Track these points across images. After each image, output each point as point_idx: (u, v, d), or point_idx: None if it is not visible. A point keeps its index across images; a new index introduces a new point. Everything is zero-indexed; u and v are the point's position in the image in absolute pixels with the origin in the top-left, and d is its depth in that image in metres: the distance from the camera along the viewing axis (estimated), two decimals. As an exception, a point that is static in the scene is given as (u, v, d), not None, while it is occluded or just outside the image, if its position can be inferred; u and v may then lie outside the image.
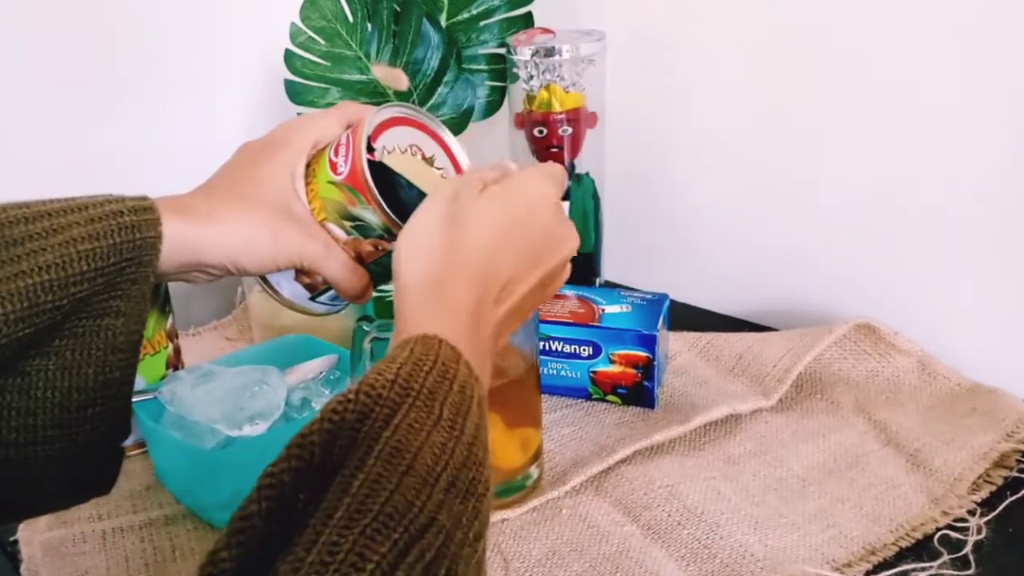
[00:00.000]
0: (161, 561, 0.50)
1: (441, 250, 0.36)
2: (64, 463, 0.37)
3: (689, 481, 0.52)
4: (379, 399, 0.29)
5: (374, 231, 0.44)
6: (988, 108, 0.58)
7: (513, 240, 0.38)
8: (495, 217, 0.38)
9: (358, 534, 0.25)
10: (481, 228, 0.37)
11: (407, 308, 0.36)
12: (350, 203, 0.43)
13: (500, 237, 0.37)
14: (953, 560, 0.46)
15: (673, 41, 0.74)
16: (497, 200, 0.38)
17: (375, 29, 0.72)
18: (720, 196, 0.75)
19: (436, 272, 0.36)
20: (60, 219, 0.35)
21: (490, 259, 0.37)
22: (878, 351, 0.61)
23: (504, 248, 0.37)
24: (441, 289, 0.35)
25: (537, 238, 0.39)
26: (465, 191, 0.38)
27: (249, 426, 0.52)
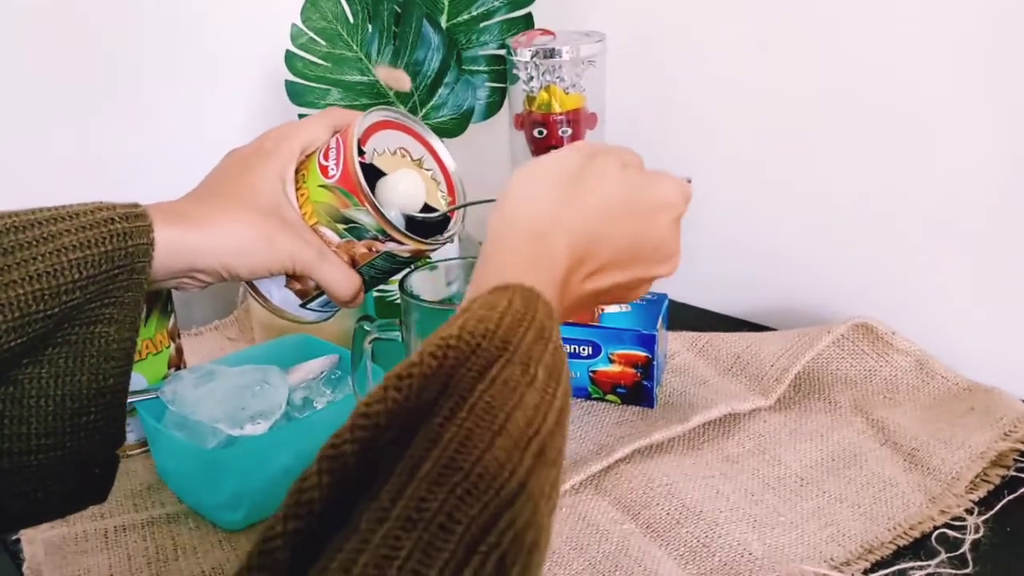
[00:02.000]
0: (163, 560, 0.50)
1: (556, 202, 0.36)
2: (59, 471, 0.37)
3: (688, 480, 0.53)
4: (477, 348, 0.28)
5: (368, 232, 0.44)
6: (987, 108, 0.58)
7: (628, 227, 0.37)
8: (622, 196, 0.37)
9: (447, 492, 0.24)
10: (604, 199, 0.36)
11: (507, 249, 0.35)
12: (343, 205, 0.43)
13: (617, 217, 0.37)
14: (951, 559, 0.46)
15: (673, 42, 0.75)
16: (631, 182, 0.38)
17: (376, 30, 0.72)
18: (719, 196, 0.75)
19: (544, 223, 0.35)
20: (50, 227, 0.35)
21: (599, 233, 0.36)
22: (876, 351, 0.61)
23: (617, 229, 0.37)
24: (543, 242, 0.34)
25: (649, 239, 0.38)
26: (604, 157, 0.38)
27: (251, 425, 0.52)
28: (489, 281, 0.32)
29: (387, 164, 0.45)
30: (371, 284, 0.47)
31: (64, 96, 0.73)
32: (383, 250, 0.45)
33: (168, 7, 0.77)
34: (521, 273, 0.33)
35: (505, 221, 0.35)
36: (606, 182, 0.37)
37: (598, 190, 0.37)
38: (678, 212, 0.40)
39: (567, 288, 0.35)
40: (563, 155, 0.38)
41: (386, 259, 0.46)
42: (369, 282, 0.47)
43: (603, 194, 0.37)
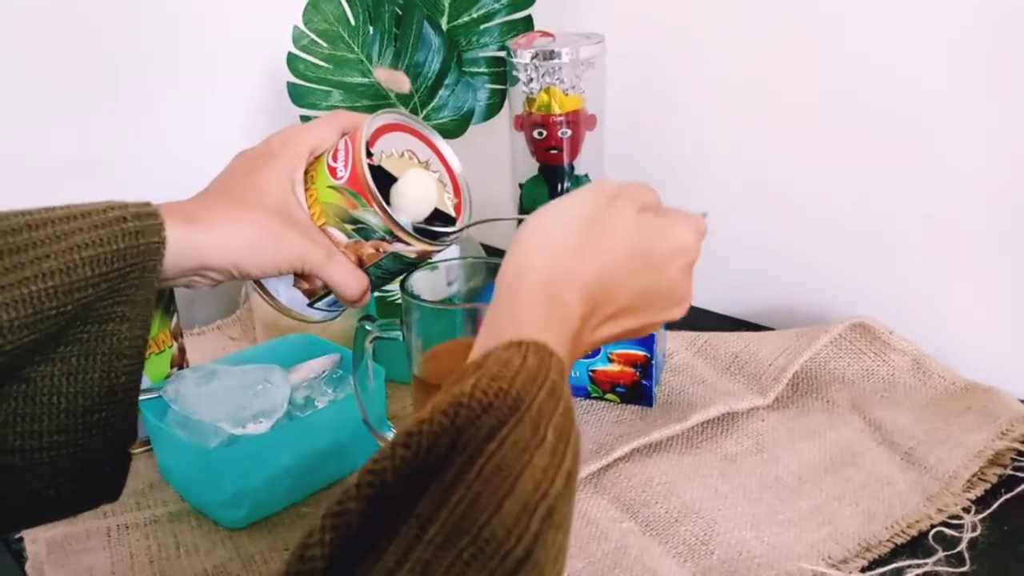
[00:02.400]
0: (165, 558, 0.50)
1: (572, 251, 0.35)
2: (71, 469, 0.37)
3: (687, 479, 0.53)
4: (489, 408, 0.28)
5: (375, 233, 0.44)
6: (987, 108, 0.58)
7: (642, 274, 0.37)
8: (637, 245, 0.37)
9: (454, 556, 0.24)
10: (620, 247, 0.36)
11: (522, 302, 0.34)
12: (351, 206, 0.44)
13: (633, 265, 0.37)
14: (948, 557, 0.46)
15: (672, 44, 0.75)
16: (647, 229, 0.37)
17: (376, 32, 0.72)
18: (718, 197, 0.76)
19: (560, 275, 0.35)
20: (63, 226, 0.36)
21: (614, 282, 0.36)
22: (873, 350, 0.62)
23: (631, 278, 0.37)
24: (559, 296, 0.34)
25: (663, 285, 0.38)
26: (620, 201, 0.37)
27: (253, 424, 0.53)
28: (504, 333, 0.32)
29: (395, 166, 0.46)
30: (378, 284, 0.48)
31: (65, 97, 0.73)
32: (390, 251, 0.45)
33: (169, 8, 0.77)
34: (535, 327, 0.33)
35: (520, 271, 0.35)
36: (622, 230, 0.37)
37: (614, 239, 0.36)
38: (692, 257, 0.40)
39: (579, 339, 0.35)
40: (579, 200, 0.37)
41: (393, 260, 0.46)
42: (376, 282, 0.47)
43: (618, 244, 0.36)
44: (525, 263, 0.35)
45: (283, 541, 0.51)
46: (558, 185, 0.72)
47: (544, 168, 0.72)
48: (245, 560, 0.49)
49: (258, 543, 0.51)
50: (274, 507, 0.53)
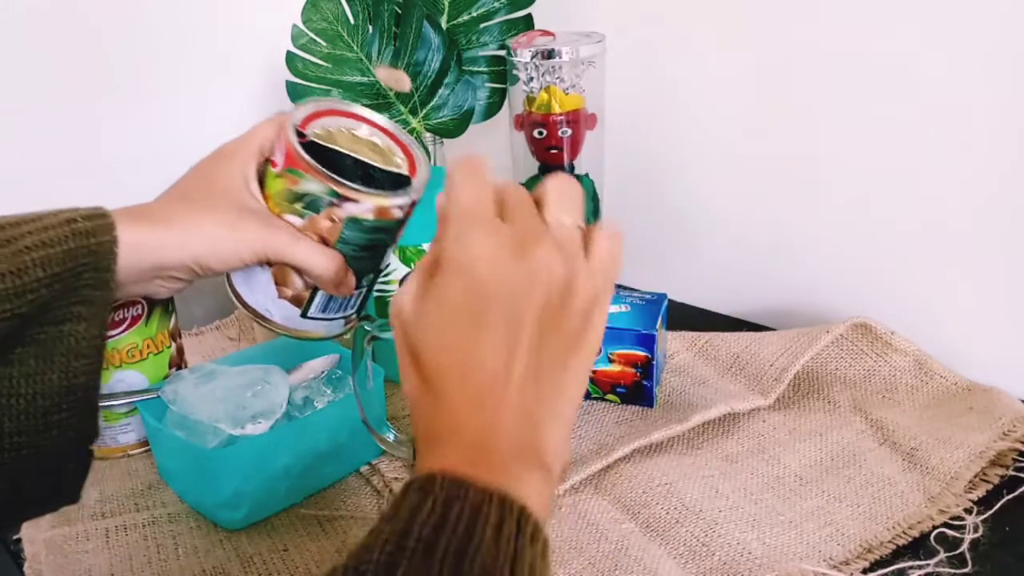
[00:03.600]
0: (164, 559, 0.50)
1: (421, 392, 0.32)
2: (31, 470, 0.38)
3: (687, 479, 0.53)
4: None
5: (322, 200, 0.44)
6: (988, 108, 0.58)
7: (477, 340, 0.31)
8: (442, 324, 0.32)
9: None
10: (443, 354, 0.32)
11: (418, 459, 0.32)
12: (292, 184, 0.44)
13: (464, 330, 0.31)
14: (950, 558, 0.46)
15: (672, 43, 0.75)
16: (442, 294, 0.32)
17: (376, 31, 0.72)
18: (719, 197, 0.76)
19: (427, 423, 0.32)
20: (13, 231, 0.36)
21: (466, 378, 0.31)
22: (875, 350, 0.62)
23: (473, 355, 0.31)
24: (438, 438, 0.31)
25: (501, 306, 0.31)
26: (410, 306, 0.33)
27: (251, 425, 0.53)
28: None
29: (329, 138, 0.46)
30: (356, 265, 0.47)
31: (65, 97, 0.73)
32: (344, 217, 0.45)
33: (169, 8, 0.77)
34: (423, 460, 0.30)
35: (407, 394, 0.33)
36: (429, 311, 0.32)
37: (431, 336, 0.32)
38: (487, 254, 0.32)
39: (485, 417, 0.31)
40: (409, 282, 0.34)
41: (354, 228, 0.45)
42: (352, 262, 0.46)
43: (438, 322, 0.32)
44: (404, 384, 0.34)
45: (282, 542, 0.51)
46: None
47: (544, 167, 0.72)
48: (244, 561, 0.49)
49: (257, 544, 0.51)
50: (273, 508, 0.53)
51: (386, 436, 0.53)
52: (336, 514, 0.53)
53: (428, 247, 0.45)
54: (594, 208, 0.74)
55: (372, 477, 0.56)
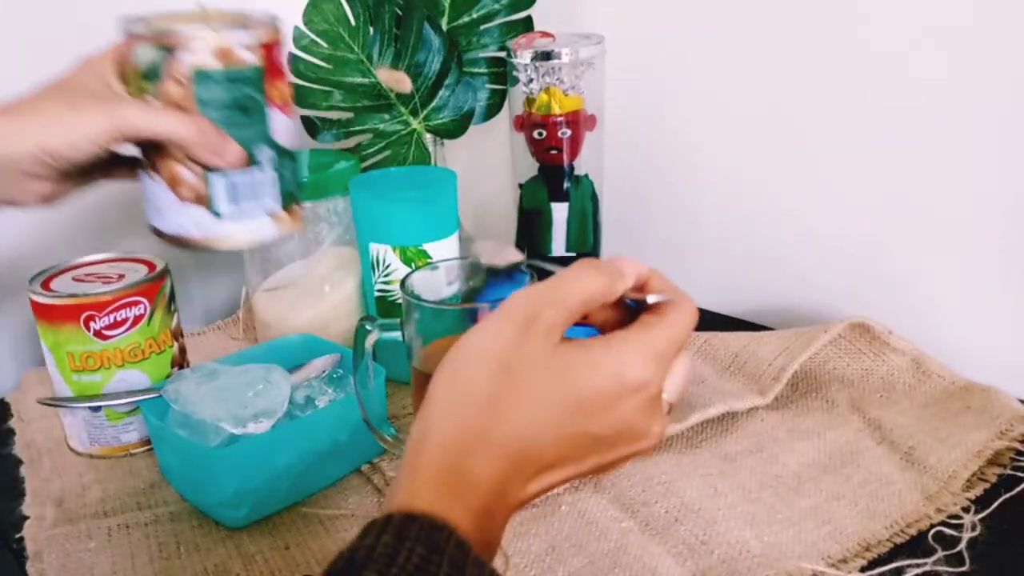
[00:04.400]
0: (166, 557, 0.50)
1: (480, 409, 0.31)
2: None
3: (686, 478, 0.53)
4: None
5: (158, 62, 0.43)
6: (986, 107, 0.58)
7: (570, 425, 0.31)
8: (557, 393, 0.31)
9: None
10: (534, 400, 0.30)
11: (423, 468, 0.30)
12: (133, 64, 0.43)
13: (556, 419, 0.31)
14: (947, 557, 0.46)
15: (671, 44, 0.75)
16: (568, 372, 0.31)
17: (377, 33, 0.72)
18: (718, 197, 0.76)
19: (464, 439, 0.30)
20: None
21: (534, 439, 0.31)
22: (873, 350, 0.62)
23: (557, 430, 0.31)
24: (463, 463, 0.30)
25: (607, 430, 0.32)
26: (538, 332, 0.31)
27: (253, 424, 0.53)
28: (399, 499, 0.29)
29: (167, 21, 0.44)
30: (233, 130, 0.44)
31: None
32: (187, 72, 0.43)
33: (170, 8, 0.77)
34: (436, 500, 0.29)
35: (424, 434, 0.31)
36: (538, 375, 0.31)
37: (529, 389, 0.31)
38: (651, 390, 0.32)
39: (502, 501, 0.31)
40: (488, 335, 0.32)
41: (205, 84, 0.43)
42: (225, 127, 0.44)
43: (535, 394, 0.31)
44: (429, 425, 0.31)
45: (283, 540, 0.51)
46: (558, 185, 0.73)
47: (544, 168, 0.72)
48: (246, 559, 0.49)
49: (258, 542, 0.51)
50: (275, 506, 0.53)
51: (387, 435, 0.53)
52: (338, 512, 0.53)
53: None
54: (593, 208, 0.74)
55: (373, 476, 0.56)
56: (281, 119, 0.47)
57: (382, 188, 0.64)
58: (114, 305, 0.56)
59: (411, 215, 0.62)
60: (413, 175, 0.69)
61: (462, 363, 0.32)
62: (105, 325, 0.56)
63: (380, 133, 0.75)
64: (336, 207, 0.67)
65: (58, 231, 0.72)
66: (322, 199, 0.66)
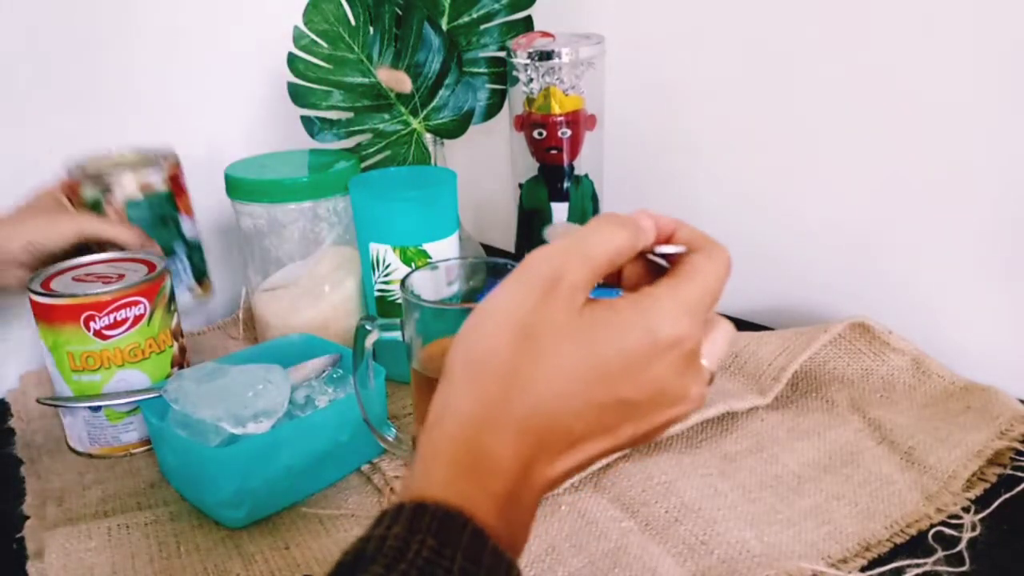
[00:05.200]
0: (166, 557, 0.50)
1: (501, 382, 0.28)
2: None
3: (686, 478, 0.53)
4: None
5: (97, 195, 0.65)
6: (986, 107, 0.58)
7: (600, 392, 0.28)
8: (584, 358, 0.28)
9: None
10: (558, 368, 0.28)
11: (441, 451, 0.28)
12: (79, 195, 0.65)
13: (584, 387, 0.28)
14: (947, 557, 0.46)
15: (672, 44, 0.75)
16: (595, 335, 0.28)
17: (377, 32, 0.72)
18: (718, 197, 0.76)
19: (484, 415, 0.28)
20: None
21: (561, 411, 0.28)
22: (873, 350, 0.62)
23: (586, 401, 0.28)
24: (482, 442, 0.28)
25: (640, 395, 0.29)
26: (561, 295, 0.29)
27: (253, 424, 0.53)
28: (415, 486, 0.27)
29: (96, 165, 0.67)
30: (154, 232, 0.66)
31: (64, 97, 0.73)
32: (120, 202, 0.65)
33: (169, 8, 0.77)
34: (452, 485, 0.27)
35: (441, 412, 0.29)
36: (561, 338, 0.28)
37: (552, 358, 0.28)
38: (688, 345, 0.30)
39: (528, 482, 0.28)
40: (506, 297, 0.29)
41: (133, 208, 0.66)
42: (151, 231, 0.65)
43: (559, 359, 0.28)
44: (447, 402, 0.29)
45: (283, 540, 0.51)
46: (558, 185, 0.73)
47: (544, 168, 0.72)
48: (246, 559, 0.49)
49: (258, 542, 0.51)
50: (275, 506, 0.53)
51: (387, 435, 0.53)
52: (337, 512, 0.53)
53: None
54: (593, 208, 0.74)
55: (373, 475, 0.56)
56: (188, 222, 0.69)
57: (382, 188, 0.64)
58: (114, 305, 0.56)
59: (411, 215, 0.62)
60: (413, 175, 0.69)
61: (481, 334, 0.29)
62: (105, 325, 0.56)
63: (380, 133, 0.75)
64: (336, 207, 0.67)
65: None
66: (322, 199, 0.66)
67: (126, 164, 0.67)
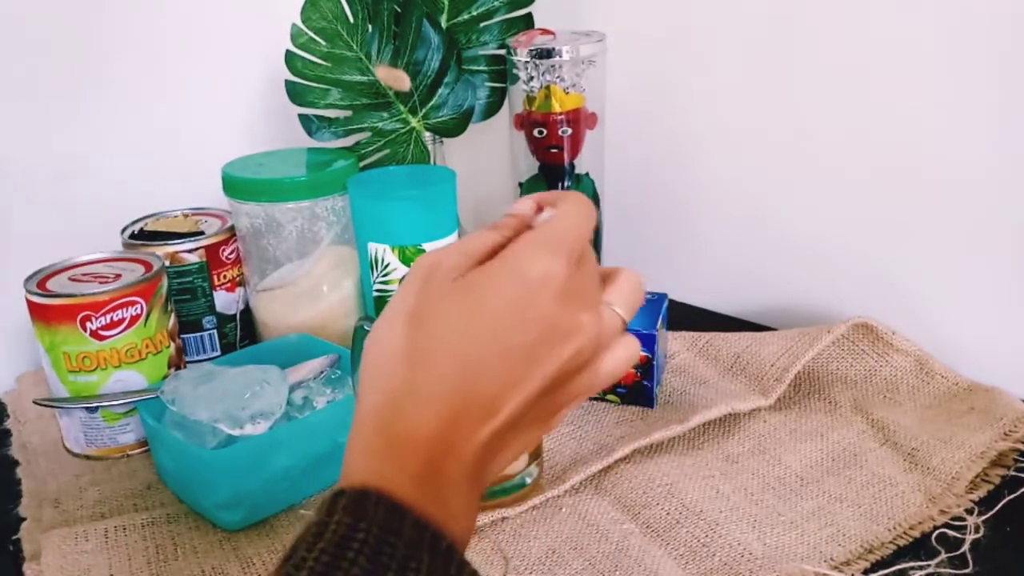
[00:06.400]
0: (163, 559, 0.50)
1: (401, 364, 0.30)
2: None
3: (688, 480, 0.53)
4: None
5: None
6: (988, 107, 0.58)
7: (494, 345, 0.29)
8: (469, 318, 0.30)
9: None
10: (450, 334, 0.29)
11: (353, 446, 0.29)
12: None
13: (476, 343, 0.29)
14: (951, 559, 0.46)
15: (673, 42, 0.75)
16: (473, 294, 0.30)
17: (376, 30, 0.72)
18: (719, 196, 0.75)
19: (392, 401, 0.29)
20: None
21: (464, 374, 0.29)
22: (876, 350, 0.61)
23: (483, 357, 0.29)
24: (394, 424, 0.29)
25: (532, 336, 0.30)
26: (437, 277, 0.31)
27: (250, 425, 0.53)
28: (339, 484, 0.28)
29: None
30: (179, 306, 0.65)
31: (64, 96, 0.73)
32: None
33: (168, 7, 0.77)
34: (368, 470, 0.28)
35: (358, 407, 0.30)
36: (444, 312, 0.30)
37: (439, 323, 0.30)
38: (556, 278, 0.30)
39: (453, 452, 0.29)
40: (400, 293, 0.32)
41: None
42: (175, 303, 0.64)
43: (447, 325, 0.30)
44: (359, 403, 0.30)
45: (281, 543, 0.51)
46: (558, 184, 0.72)
47: (544, 167, 0.72)
48: (243, 562, 0.49)
49: (256, 545, 0.50)
50: (272, 509, 0.53)
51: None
52: (335, 514, 0.53)
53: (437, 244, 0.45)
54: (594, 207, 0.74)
55: (372, 477, 0.56)
56: (224, 295, 0.67)
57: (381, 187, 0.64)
58: (111, 305, 0.56)
59: (410, 214, 0.62)
60: (412, 174, 0.68)
61: (377, 338, 0.31)
62: (102, 325, 0.56)
63: (379, 131, 0.74)
64: (334, 206, 0.67)
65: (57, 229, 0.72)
66: (320, 198, 0.66)
67: (176, 227, 0.67)
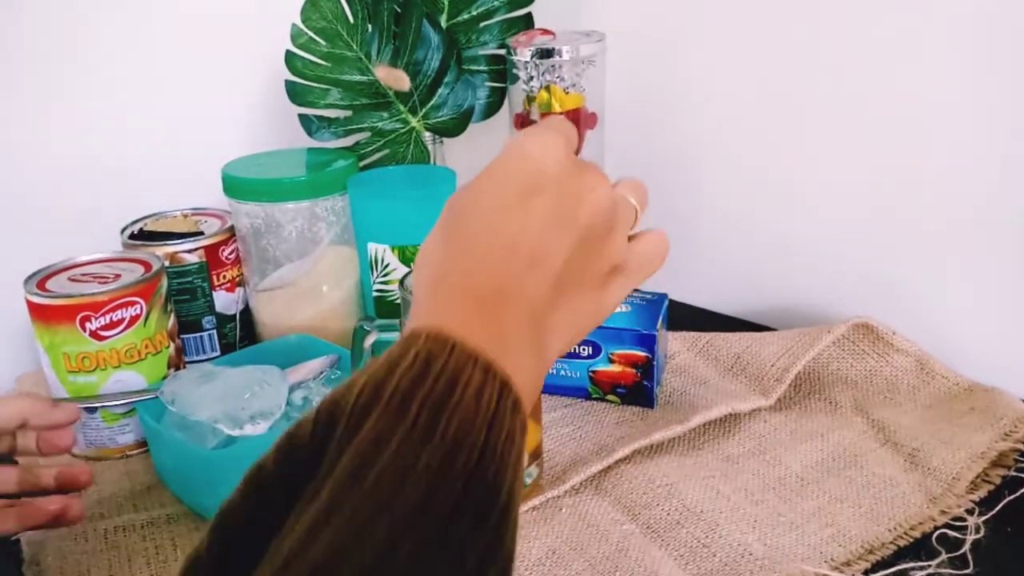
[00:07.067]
0: (163, 560, 0.50)
1: (442, 240, 0.32)
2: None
3: (688, 480, 0.52)
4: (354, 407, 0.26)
5: None
6: (987, 107, 0.58)
7: (522, 209, 0.32)
8: (494, 194, 0.32)
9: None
10: (480, 210, 0.32)
11: (413, 308, 0.31)
12: None
13: (505, 210, 0.32)
14: (951, 559, 0.46)
15: (673, 42, 0.75)
16: (491, 177, 0.33)
17: (376, 30, 0.72)
18: (719, 196, 0.75)
19: (437, 265, 0.31)
20: None
21: (497, 233, 0.31)
22: (876, 350, 0.61)
23: (512, 219, 0.31)
24: (445, 278, 0.31)
25: (553, 197, 0.32)
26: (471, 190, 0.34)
27: (250, 426, 0.52)
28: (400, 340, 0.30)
29: None
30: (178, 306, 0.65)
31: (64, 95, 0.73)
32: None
33: (168, 7, 0.77)
34: (428, 316, 0.29)
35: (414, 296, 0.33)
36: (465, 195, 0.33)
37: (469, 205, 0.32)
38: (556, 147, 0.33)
39: (511, 295, 0.30)
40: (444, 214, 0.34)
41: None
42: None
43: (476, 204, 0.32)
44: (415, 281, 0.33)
45: (281, 543, 0.50)
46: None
47: (544, 167, 0.72)
48: (243, 562, 0.49)
49: (256, 545, 0.50)
50: (272, 509, 0.53)
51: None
52: (335, 515, 0.53)
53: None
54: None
55: (372, 478, 0.56)
56: (224, 295, 0.67)
57: (381, 187, 0.64)
58: (110, 305, 0.56)
59: (410, 214, 0.62)
60: (412, 174, 0.68)
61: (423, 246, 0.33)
62: (101, 325, 0.56)
63: (379, 131, 0.74)
64: (334, 206, 0.67)
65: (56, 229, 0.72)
66: (320, 198, 0.66)
67: (176, 227, 0.67)
